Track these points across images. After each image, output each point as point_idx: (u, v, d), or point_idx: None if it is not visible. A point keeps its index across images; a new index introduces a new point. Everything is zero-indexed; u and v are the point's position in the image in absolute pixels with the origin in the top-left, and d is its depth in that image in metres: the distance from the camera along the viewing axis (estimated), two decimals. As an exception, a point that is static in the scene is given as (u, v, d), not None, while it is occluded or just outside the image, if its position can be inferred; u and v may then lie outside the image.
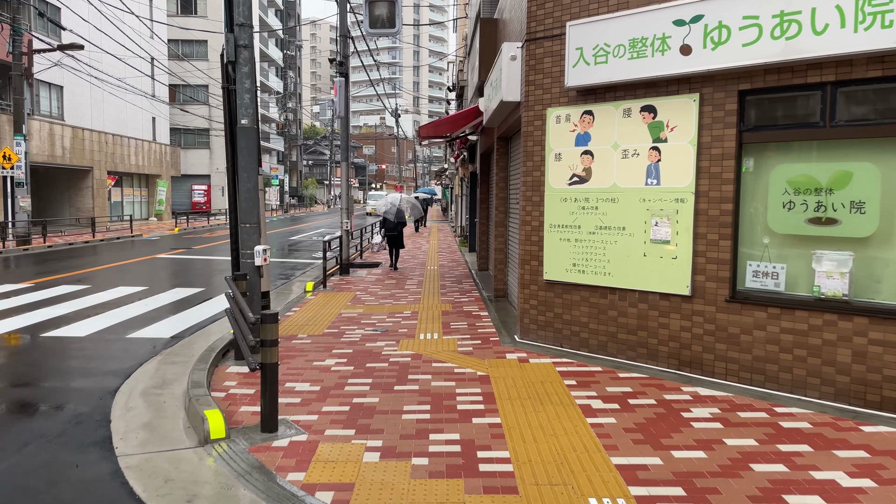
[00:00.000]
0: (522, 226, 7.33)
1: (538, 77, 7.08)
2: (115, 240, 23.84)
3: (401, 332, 8.02)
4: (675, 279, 6.08)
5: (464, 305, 9.90)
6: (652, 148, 6.19)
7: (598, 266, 6.62)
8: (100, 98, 30.30)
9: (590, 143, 6.64)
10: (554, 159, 6.94)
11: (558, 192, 6.92)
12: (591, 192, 6.66)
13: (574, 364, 6.41)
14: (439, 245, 22.30)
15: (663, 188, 6.13)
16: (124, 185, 34.62)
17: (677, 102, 6.02)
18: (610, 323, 6.60)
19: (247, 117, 6.63)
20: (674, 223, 6.08)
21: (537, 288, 7.19)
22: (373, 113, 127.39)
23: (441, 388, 5.67)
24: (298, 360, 6.59)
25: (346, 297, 10.81)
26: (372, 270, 14.68)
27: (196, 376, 5.71)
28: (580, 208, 6.75)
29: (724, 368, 5.86)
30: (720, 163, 5.83)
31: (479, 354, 6.81)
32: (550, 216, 7.00)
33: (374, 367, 6.33)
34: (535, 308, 7.23)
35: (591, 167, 6.64)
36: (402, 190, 41.37)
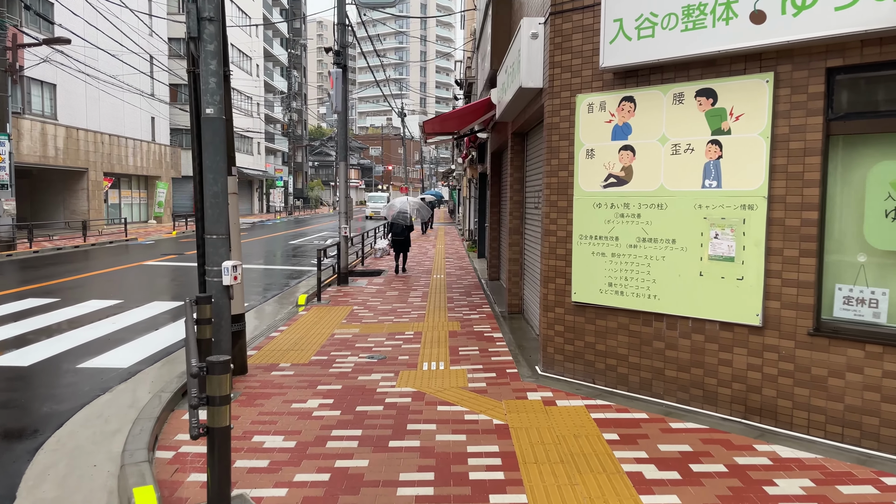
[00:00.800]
0: (545, 236, 6.13)
1: (565, 58, 5.87)
2: (107, 244, 22.78)
3: (401, 359, 6.83)
4: (741, 305, 4.87)
5: (474, 324, 8.70)
6: (711, 142, 4.97)
7: (641, 287, 5.41)
8: (95, 97, 29.30)
9: (630, 137, 5.43)
10: (585, 156, 5.74)
11: (590, 197, 5.71)
12: (631, 196, 5.45)
13: (612, 408, 5.20)
14: (446, 250, 21.11)
15: (726, 192, 4.92)
16: (122, 186, 33.62)
17: (744, 85, 4.80)
18: (655, 357, 5.38)
19: (213, 106, 5.47)
20: (739, 235, 4.86)
21: (564, 311, 5.98)
22: (379, 114, 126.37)
23: (448, 444, 4.48)
24: (275, 401, 5.41)
25: (342, 312, 9.64)
26: (373, 279, 13.51)
27: (139, 429, 4.54)
28: (618, 216, 5.54)
29: (806, 420, 4.64)
30: (801, 160, 4.61)
31: (494, 393, 5.61)
32: (581, 225, 5.80)
33: (365, 412, 5.14)
34: (561, 335, 6.02)
35: (631, 166, 5.44)
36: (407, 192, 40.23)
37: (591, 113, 5.67)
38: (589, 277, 5.75)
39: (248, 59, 49.80)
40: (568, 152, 5.89)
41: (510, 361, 6.67)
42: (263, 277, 14.25)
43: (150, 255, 18.41)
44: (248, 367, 6.44)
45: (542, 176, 7.56)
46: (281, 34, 62.53)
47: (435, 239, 26.74)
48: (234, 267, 5.52)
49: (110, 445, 4.52)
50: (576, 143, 5.80)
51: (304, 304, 10.32)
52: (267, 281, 13.63)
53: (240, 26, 45.46)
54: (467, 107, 9.47)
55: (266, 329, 8.41)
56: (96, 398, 5.59)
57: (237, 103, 46.23)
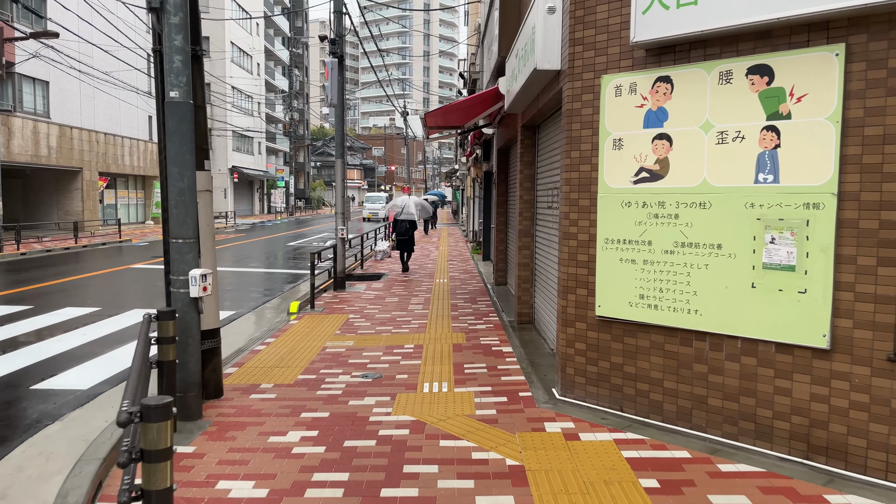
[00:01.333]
0: (564, 240, 5.33)
1: (588, 33, 5.08)
2: (99, 246, 22.06)
3: (399, 379, 6.04)
4: (804, 324, 4.06)
5: (480, 336, 7.91)
6: (766, 128, 4.17)
7: (679, 300, 4.61)
8: (90, 95, 28.59)
9: (666, 124, 4.63)
10: (612, 147, 4.94)
11: (618, 194, 4.91)
12: (667, 193, 4.65)
13: (646, 444, 4.39)
14: (450, 252, 20.31)
15: (784, 188, 4.11)
16: (118, 186, 32.93)
17: (808, 59, 4.00)
18: (697, 382, 4.58)
19: (178, 88, 4.69)
20: (801, 240, 4.06)
21: (586, 327, 5.18)
22: (382, 114, 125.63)
23: (453, 494, 3.68)
24: (250, 434, 4.62)
25: (337, 321, 8.85)
26: (372, 284, 12.72)
27: (79, 474, 3.76)
28: (651, 216, 4.74)
29: (884, 463, 3.84)
30: (880, 149, 3.81)
31: (506, 423, 4.81)
32: (606, 227, 5.00)
33: (355, 449, 4.35)
34: (582, 355, 5.22)
35: (667, 158, 4.64)
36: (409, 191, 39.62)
37: (618, 96, 4.87)
38: (616, 288, 4.95)
39: (248, 57, 49.09)
40: (591, 143, 5.09)
41: (523, 382, 5.87)
42: (257, 282, 13.47)
43: (140, 258, 17.66)
44: (225, 389, 5.66)
45: (557, 172, 6.76)
46: (283, 33, 61.84)
47: (438, 240, 25.95)
48: (203, 276, 4.74)
49: (45, 494, 3.74)
50: (601, 133, 5.00)
51: (296, 313, 9.54)
52: (260, 286, 12.86)
53: (239, 19, 44.80)
54: (473, 97, 8.67)
55: (251, 341, 7.63)
56: (44, 428, 4.81)
57: (237, 102, 45.54)
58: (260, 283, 13.32)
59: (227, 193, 45.49)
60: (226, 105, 42.52)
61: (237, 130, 45.99)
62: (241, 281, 13.52)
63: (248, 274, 14.71)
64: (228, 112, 43.17)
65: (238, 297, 11.41)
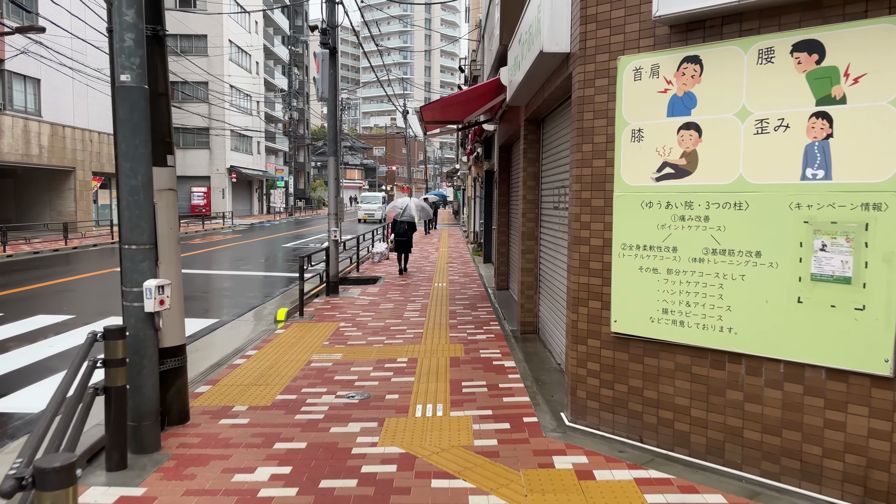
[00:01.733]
0: (574, 245, 4.70)
1: (602, 9, 4.45)
2: (90, 247, 21.48)
3: (389, 399, 5.42)
4: (861, 346, 3.43)
5: (480, 347, 7.28)
6: (816, 115, 3.54)
7: (710, 316, 3.98)
8: (83, 93, 28.00)
9: (694, 111, 4.00)
10: (630, 139, 4.31)
11: (637, 193, 4.28)
12: (696, 191, 4.02)
13: (672, 485, 3.76)
14: (449, 253, 19.68)
15: (838, 185, 3.48)
16: (113, 187, 32.34)
17: (866, 34, 3.37)
18: (731, 411, 3.95)
19: (130, 71, 4.07)
20: (859, 247, 3.42)
21: (600, 344, 4.55)
22: (383, 114, 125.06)
23: (445, 554, 3.06)
24: (212, 470, 4.00)
25: (326, 330, 8.23)
26: (367, 288, 12.09)
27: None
28: (676, 219, 4.11)
29: (964, 514, 3.20)
30: (957, 138, 3.17)
31: (508, 456, 4.18)
32: (624, 231, 4.37)
33: (332, 491, 3.72)
34: (595, 376, 4.59)
35: (695, 150, 4.01)
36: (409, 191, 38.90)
37: (638, 80, 4.24)
38: (635, 301, 4.32)
39: (247, 55, 48.51)
40: (606, 135, 4.46)
41: (527, 404, 5.24)
42: (247, 286, 12.86)
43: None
44: (193, 412, 5.04)
45: (565, 169, 6.14)
46: (282, 31, 61.26)
47: (438, 241, 25.32)
48: (160, 288, 4.12)
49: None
50: (617, 122, 4.37)
51: (283, 321, 8.93)
52: (250, 290, 12.24)
53: (236, 13, 44.24)
54: (472, 89, 8.04)
55: (231, 354, 7.01)
56: (-25, 463, 4.19)
57: (236, 101, 44.97)
58: (250, 287, 12.70)
59: (226, 193, 44.91)
60: (224, 104, 41.97)
61: (235, 130, 45.41)
62: (231, 285, 12.91)
63: (239, 278, 14.10)
64: (227, 111, 42.61)
65: (224, 302, 10.79)
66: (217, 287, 12.49)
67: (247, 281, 13.57)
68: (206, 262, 16.93)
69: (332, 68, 10.47)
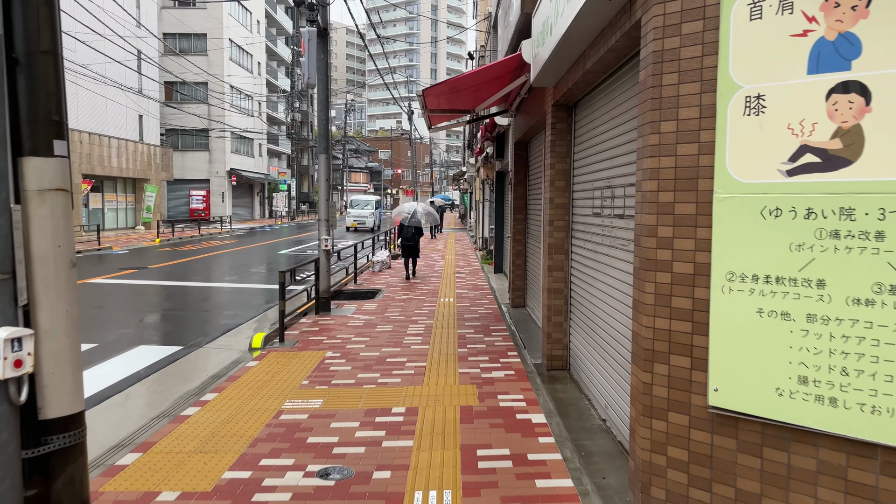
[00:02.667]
0: (646, 272, 3.19)
1: (694, -82, 2.95)
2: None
3: (376, 480, 3.92)
4: None
5: (498, 391, 5.77)
6: None
7: (883, 392, 2.47)
8: (72, 91, 26.67)
9: (857, 64, 2.50)
10: (743, 111, 2.81)
11: (756, 195, 2.78)
12: (860, 191, 2.51)
13: None
14: (457, 261, 18.18)
15: None
16: (106, 190, 31.06)
17: None
18: (925, 552, 2.43)
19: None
20: None
21: (689, 422, 3.04)
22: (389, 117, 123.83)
23: None
24: None
25: (308, 362, 6.75)
26: (364, 304, 10.61)
27: None
28: (824, 235, 2.60)
29: None
30: None
31: None
32: (732, 253, 2.86)
33: None
34: (681, 468, 3.08)
35: (858, 127, 2.51)
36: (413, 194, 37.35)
37: (757, 20, 2.74)
38: (752, 361, 2.81)
39: (248, 55, 47.27)
40: (699, 106, 2.96)
41: (571, 495, 3.72)
42: (229, 301, 11.40)
43: (106, 270, 15.62)
44: (103, 501, 3.55)
45: (608, 164, 4.64)
46: (286, 32, 60.04)
47: (444, 247, 23.84)
48: (12, 342, 2.63)
49: None
50: (720, 87, 2.87)
51: (259, 348, 7.46)
52: (232, 306, 10.78)
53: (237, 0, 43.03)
54: (486, 69, 6.52)
55: (182, 399, 5.54)
56: None
57: (235, 102, 43.69)
58: (234, 302, 11.24)
59: (226, 197, 43.61)
60: (224, 104, 40.69)
61: (236, 131, 44.13)
62: (212, 300, 11.46)
63: (223, 291, 12.65)
64: (227, 112, 41.33)
65: (197, 323, 9.33)
66: (194, 303, 11.05)
67: (231, 295, 12.12)
68: (190, 272, 15.50)
69: (321, 52, 9.03)
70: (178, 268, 16.20)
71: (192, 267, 16.54)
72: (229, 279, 14.28)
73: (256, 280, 14.38)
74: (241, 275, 15.15)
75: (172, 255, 20.09)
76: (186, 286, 13.04)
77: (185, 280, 13.90)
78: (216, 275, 15.02)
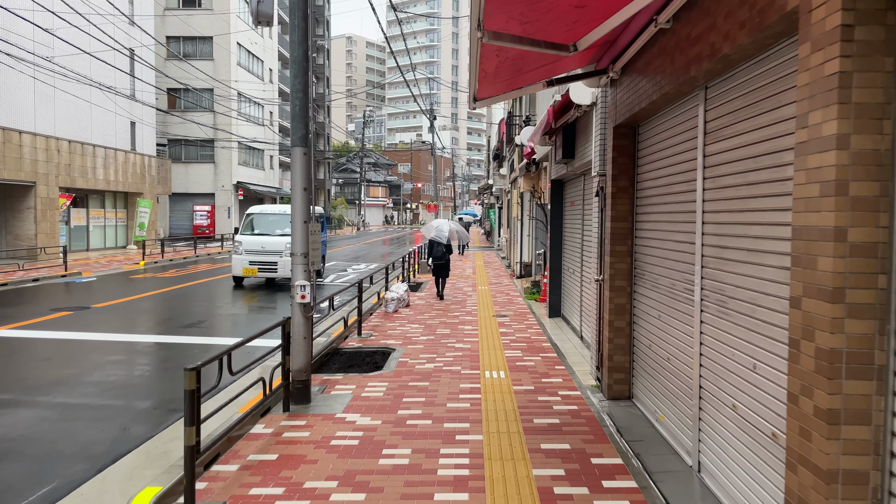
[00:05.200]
0: None
1: None
2: (27, 283, 16.56)
3: None
4: None
5: None
6: None
7: None
8: (48, 94, 23.45)
9: None
10: None
11: None
12: None
13: None
14: (493, 294, 14.19)
15: None
16: (91, 205, 27.73)
17: None
18: None
19: None
20: None
21: None
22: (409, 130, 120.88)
23: None
24: None
25: None
26: (367, 382, 6.73)
27: None
28: None
29: None
30: None
31: None
32: None
33: None
34: None
35: None
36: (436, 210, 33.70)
37: None
38: None
39: (258, 61, 44.11)
40: None
41: None
42: (144, 378, 7.60)
43: (33, 311, 11.94)
44: None
45: None
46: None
47: (473, 272, 19.91)
48: None
49: None
50: None
51: (136, 532, 3.62)
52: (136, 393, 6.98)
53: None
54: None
55: None
56: None
57: (244, 110, 40.45)
58: (160, 380, 7.43)
59: (232, 212, 40.21)
60: (231, 112, 37.44)
61: (244, 141, 40.81)
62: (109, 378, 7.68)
63: (143, 356, 8.86)
64: (234, 121, 38.08)
65: (40, 443, 5.54)
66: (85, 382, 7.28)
67: (165, 362, 8.33)
68: (135, 316, 11.77)
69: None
70: (127, 307, 12.48)
71: (144, 307, 12.75)
72: (183, 327, 10.49)
73: (231, 326, 10.60)
74: (211, 319, 11.38)
75: (143, 285, 16.43)
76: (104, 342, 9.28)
77: (112, 331, 10.15)
78: (168, 319, 11.26)
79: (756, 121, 3.47)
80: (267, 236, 15.90)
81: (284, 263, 15.25)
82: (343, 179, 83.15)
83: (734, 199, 3.74)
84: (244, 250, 15.71)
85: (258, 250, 15.63)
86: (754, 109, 3.48)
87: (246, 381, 6.13)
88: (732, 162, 3.78)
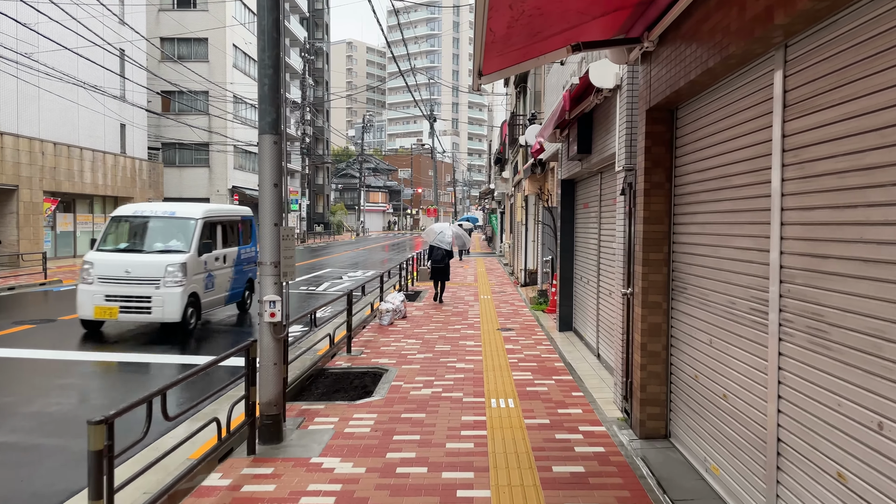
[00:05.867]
0: None
1: None
2: (3, 292, 15.55)
3: None
4: None
5: None
6: None
7: None
8: (32, 94, 22.51)
9: None
10: None
11: None
12: None
13: None
14: (497, 304, 13.14)
15: None
16: (79, 210, 26.75)
17: None
18: None
19: None
20: None
21: None
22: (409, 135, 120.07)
23: None
24: None
25: None
26: (354, 414, 5.71)
27: None
28: None
29: None
30: None
31: None
32: None
33: None
34: None
35: None
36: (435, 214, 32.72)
37: None
38: None
39: (255, 63, 43.16)
40: None
41: None
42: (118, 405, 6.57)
43: (23, 316, 10.93)
44: None
45: None
46: (299, 43, 56.17)
47: (475, 279, 18.88)
48: None
49: None
50: None
51: None
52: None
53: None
54: None
55: None
56: None
57: (239, 112, 39.51)
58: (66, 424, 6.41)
59: (227, 218, 39.20)
60: (226, 115, 36.50)
61: (239, 145, 39.87)
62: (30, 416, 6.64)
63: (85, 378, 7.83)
64: (229, 124, 37.13)
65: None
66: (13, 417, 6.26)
67: (126, 384, 7.30)
68: (102, 329, 10.75)
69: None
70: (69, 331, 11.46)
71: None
72: (147, 344, 9.47)
73: (206, 343, 9.57)
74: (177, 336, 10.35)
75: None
76: (59, 361, 8.26)
77: (72, 348, 9.14)
78: (139, 332, 10.23)
79: (877, 80, 2.46)
80: (138, 253, 10.00)
81: (165, 298, 9.53)
82: (343, 185, 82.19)
83: (838, 191, 2.74)
84: (97, 277, 9.66)
85: (120, 277, 9.62)
86: (876, 63, 2.48)
87: (208, 415, 5.10)
88: (833, 141, 2.77)
